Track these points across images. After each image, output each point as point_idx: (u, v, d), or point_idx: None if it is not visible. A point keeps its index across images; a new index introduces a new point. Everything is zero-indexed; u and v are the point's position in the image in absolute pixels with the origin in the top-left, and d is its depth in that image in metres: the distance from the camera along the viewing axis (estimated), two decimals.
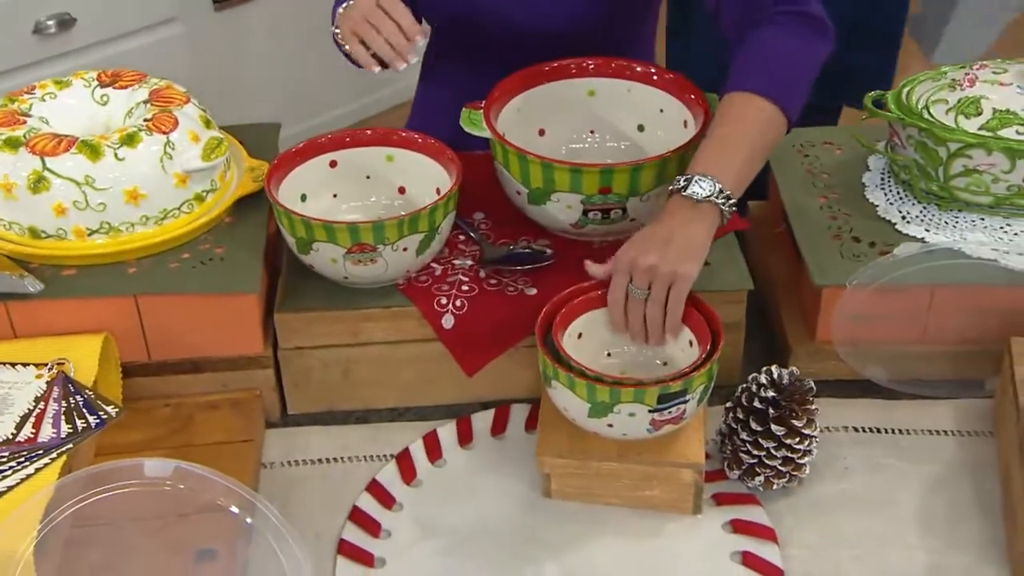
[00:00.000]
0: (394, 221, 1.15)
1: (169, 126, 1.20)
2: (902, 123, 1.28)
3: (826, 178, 1.37)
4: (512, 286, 1.24)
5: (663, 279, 1.10)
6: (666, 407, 1.07)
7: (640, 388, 1.06)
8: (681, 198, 1.13)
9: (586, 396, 1.08)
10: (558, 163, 1.21)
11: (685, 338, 1.14)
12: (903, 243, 1.23)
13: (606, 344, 1.17)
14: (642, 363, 1.17)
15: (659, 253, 1.10)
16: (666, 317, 1.11)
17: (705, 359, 1.09)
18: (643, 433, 1.10)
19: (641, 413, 1.08)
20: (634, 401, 1.07)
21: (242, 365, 1.21)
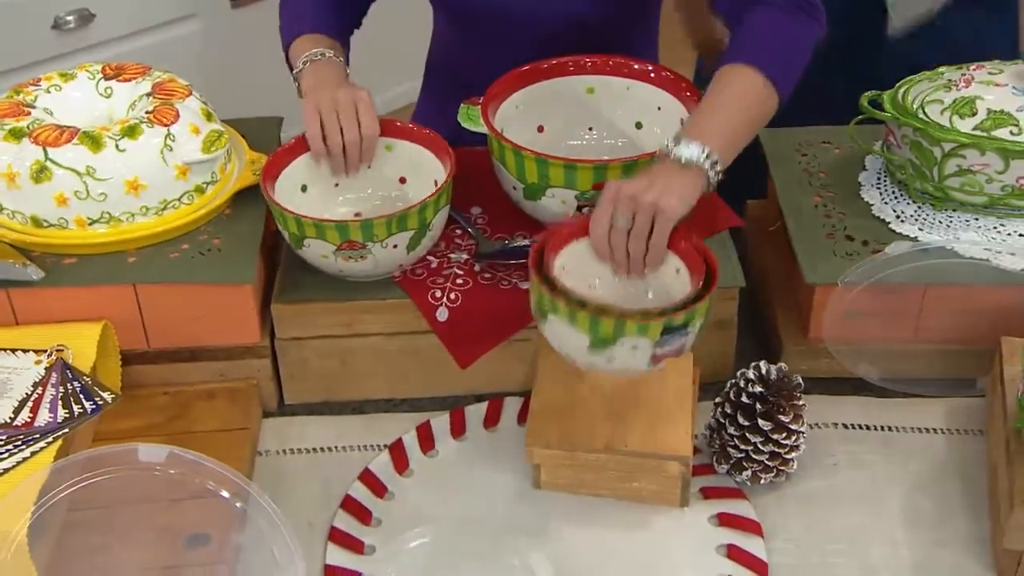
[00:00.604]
0: (383, 220, 1.16)
1: (170, 118, 1.22)
2: (897, 123, 1.29)
3: (823, 177, 1.38)
4: (506, 280, 1.26)
5: (646, 209, 1.10)
6: (668, 339, 1.05)
7: (644, 321, 1.04)
8: (668, 160, 1.14)
9: (587, 328, 1.05)
10: (553, 159, 1.22)
11: (672, 266, 1.13)
12: (895, 242, 1.24)
13: (589, 276, 1.15)
14: (627, 295, 1.15)
15: (644, 186, 1.11)
16: (648, 250, 1.11)
17: (703, 291, 1.07)
18: (642, 367, 1.07)
19: (644, 347, 1.05)
20: (638, 334, 1.04)
21: (239, 355, 1.23)
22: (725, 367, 1.28)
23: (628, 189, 1.11)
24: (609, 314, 1.04)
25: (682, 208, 1.11)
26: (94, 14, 2.77)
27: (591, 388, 1.19)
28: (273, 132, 1.41)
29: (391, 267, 1.22)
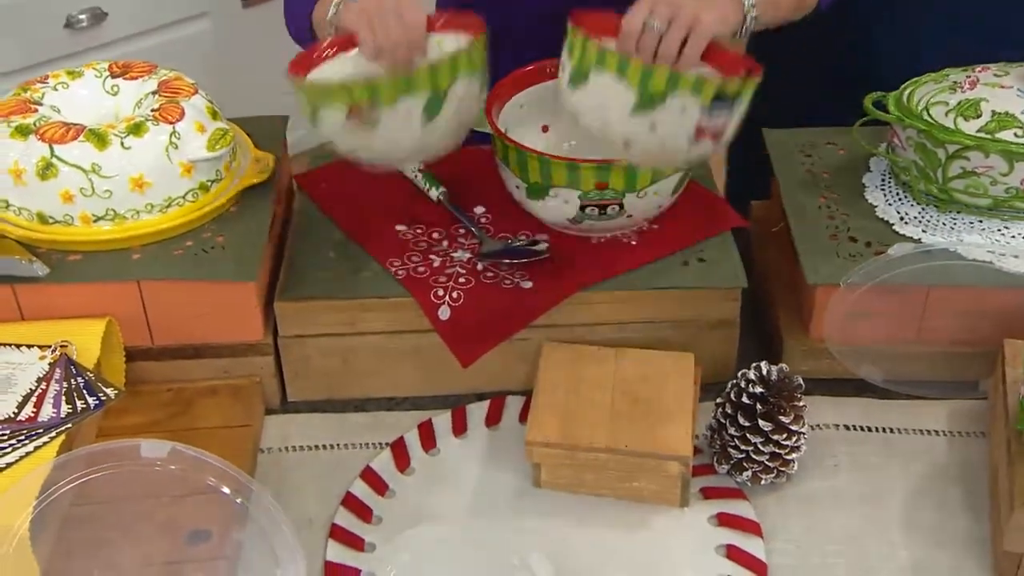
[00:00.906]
0: (390, 80, 1.07)
1: (175, 116, 1.23)
2: (902, 125, 1.29)
3: (827, 178, 1.37)
4: (508, 279, 1.26)
5: (685, 19, 1.07)
6: (717, 109, 1.02)
7: (699, 80, 1.01)
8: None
9: (638, 82, 1.01)
10: (555, 159, 1.22)
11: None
12: (897, 243, 1.24)
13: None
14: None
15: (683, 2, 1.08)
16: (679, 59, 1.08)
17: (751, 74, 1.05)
18: (683, 142, 1.03)
19: (692, 110, 1.02)
20: (692, 92, 1.01)
21: (242, 352, 1.23)
22: (727, 367, 1.28)
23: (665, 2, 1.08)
24: (661, 67, 1.00)
25: (719, 27, 1.09)
26: (106, 13, 2.78)
27: (592, 387, 1.19)
28: (279, 131, 1.41)
29: (406, 148, 1.12)
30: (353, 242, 1.31)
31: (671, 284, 1.25)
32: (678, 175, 1.26)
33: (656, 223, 1.32)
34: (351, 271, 1.27)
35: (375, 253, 1.29)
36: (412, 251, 1.30)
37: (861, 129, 1.37)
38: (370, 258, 1.29)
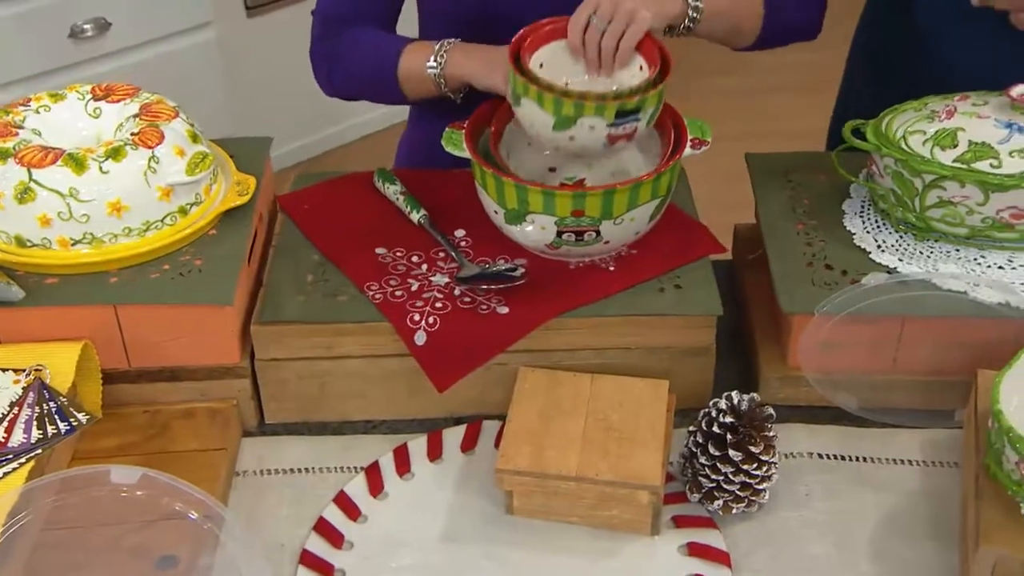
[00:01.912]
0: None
1: (155, 140, 1.23)
2: (880, 153, 1.29)
3: (807, 204, 1.37)
4: (485, 304, 1.26)
5: (624, 15, 1.24)
6: (621, 123, 1.21)
7: (601, 103, 1.19)
8: None
9: (552, 110, 1.21)
10: (532, 186, 1.23)
11: (636, 64, 1.27)
12: (872, 273, 1.24)
13: (565, 74, 1.28)
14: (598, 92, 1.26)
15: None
16: (617, 50, 1.25)
17: (656, 82, 1.22)
18: (599, 147, 1.24)
19: (600, 127, 1.21)
20: (595, 114, 1.20)
21: (219, 375, 1.24)
22: (704, 394, 1.28)
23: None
24: (570, 96, 1.20)
25: (655, 21, 1.26)
26: (111, 23, 2.79)
27: (566, 413, 1.19)
28: (261, 153, 1.42)
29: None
30: (332, 264, 1.32)
31: (646, 311, 1.25)
32: (655, 201, 1.27)
33: (635, 248, 1.33)
34: (328, 295, 1.27)
35: (353, 276, 1.30)
36: (391, 274, 1.30)
37: (843, 155, 1.36)
38: (348, 281, 1.29)
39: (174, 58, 3.00)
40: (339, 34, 1.47)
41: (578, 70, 1.29)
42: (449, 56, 1.38)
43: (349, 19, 1.47)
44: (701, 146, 1.29)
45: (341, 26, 1.47)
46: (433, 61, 1.38)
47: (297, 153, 3.49)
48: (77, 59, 2.79)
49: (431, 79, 1.39)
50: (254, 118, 3.30)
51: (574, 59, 1.29)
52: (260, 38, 3.24)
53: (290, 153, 3.47)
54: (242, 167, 1.37)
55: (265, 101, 3.32)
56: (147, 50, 2.93)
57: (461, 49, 1.39)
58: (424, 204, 1.40)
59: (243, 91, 3.24)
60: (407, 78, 1.41)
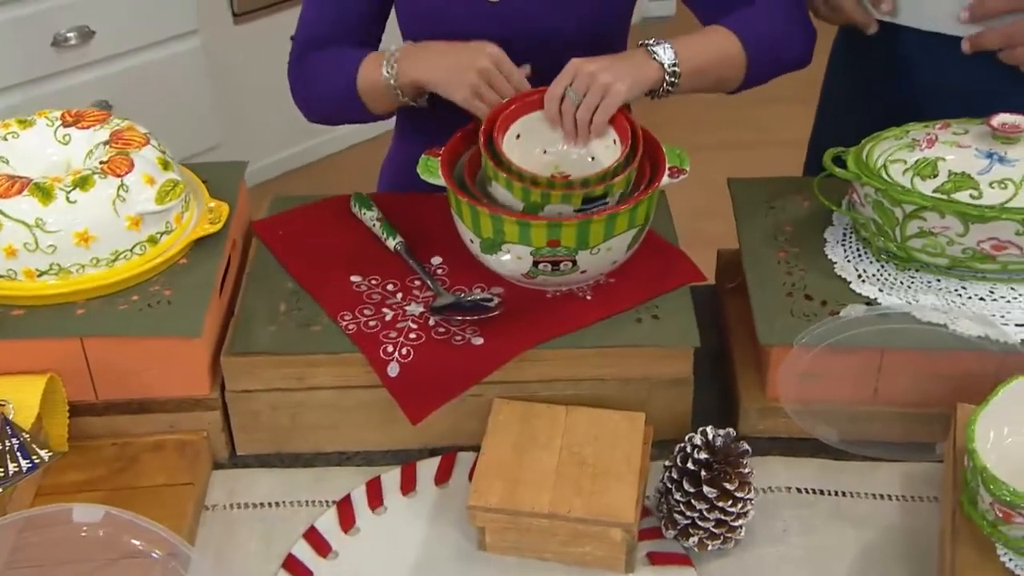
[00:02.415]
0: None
1: (124, 169, 1.23)
2: (860, 182, 1.28)
3: (789, 231, 1.37)
4: (460, 335, 1.26)
5: (598, 88, 1.27)
6: (589, 207, 1.24)
7: (568, 191, 1.22)
8: (640, 50, 1.33)
9: (521, 196, 1.23)
10: (507, 216, 1.22)
11: (610, 137, 1.30)
12: (851, 304, 1.23)
13: (543, 143, 1.32)
14: (574, 160, 1.32)
15: (602, 65, 1.29)
16: (592, 122, 1.29)
17: (624, 166, 1.25)
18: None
19: (567, 211, 1.23)
20: (562, 202, 1.23)
21: (189, 406, 1.23)
22: (683, 425, 1.28)
23: (588, 67, 1.28)
24: (538, 184, 1.23)
25: (629, 95, 1.29)
26: (94, 31, 2.79)
27: (540, 447, 1.19)
28: (235, 178, 1.41)
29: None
30: (306, 293, 1.31)
31: (623, 342, 1.24)
32: (633, 231, 1.26)
33: (613, 276, 1.32)
34: (301, 324, 1.27)
35: (327, 305, 1.29)
36: (365, 303, 1.30)
37: (826, 182, 1.36)
38: (321, 311, 1.29)
39: (159, 67, 2.99)
40: (309, 57, 1.47)
41: (555, 138, 1.32)
42: (400, 63, 1.37)
43: (321, 42, 1.46)
44: (679, 175, 1.29)
45: (313, 49, 1.46)
46: (385, 71, 1.38)
47: (286, 162, 3.48)
48: (60, 68, 2.79)
49: (388, 90, 1.38)
50: (241, 128, 3.29)
51: (551, 127, 1.32)
52: (247, 46, 3.23)
53: (279, 162, 3.46)
54: (215, 192, 1.36)
55: (253, 110, 3.30)
56: (132, 58, 2.93)
57: (410, 53, 1.38)
58: (402, 230, 1.39)
59: (230, 100, 3.23)
60: (367, 92, 1.41)
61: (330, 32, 1.46)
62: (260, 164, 3.41)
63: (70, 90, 2.81)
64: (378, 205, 1.43)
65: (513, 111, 1.31)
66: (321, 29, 1.47)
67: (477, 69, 1.32)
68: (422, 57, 1.36)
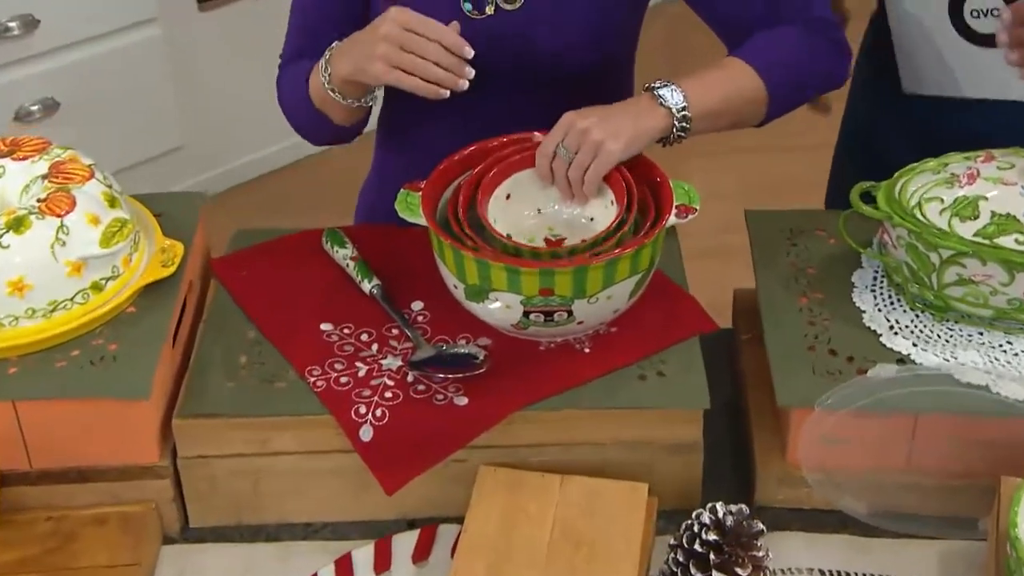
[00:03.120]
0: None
1: (64, 208, 1.23)
2: (891, 222, 1.28)
3: (812, 274, 1.37)
4: (441, 394, 1.25)
5: (590, 146, 1.29)
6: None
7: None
8: (645, 95, 1.34)
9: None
10: (494, 261, 1.22)
11: (607, 197, 1.32)
12: (880, 364, 1.23)
13: (535, 202, 1.35)
14: (567, 220, 1.35)
15: (596, 121, 1.29)
16: (584, 182, 1.30)
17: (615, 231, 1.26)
18: None
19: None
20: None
21: (135, 475, 1.23)
22: (692, 494, 1.27)
23: (581, 123, 1.29)
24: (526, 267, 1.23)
25: (623, 154, 1.30)
26: (39, 20, 2.79)
27: (530, 522, 1.19)
28: (192, 212, 1.41)
29: None
30: (270, 343, 1.32)
31: (624, 402, 1.24)
32: (635, 277, 1.26)
33: (614, 325, 1.32)
34: (264, 380, 1.26)
35: (293, 358, 1.29)
36: (336, 356, 1.30)
37: (854, 217, 1.36)
38: (287, 364, 1.28)
39: (114, 59, 2.99)
40: (282, 73, 1.50)
41: (548, 196, 1.34)
42: (332, 63, 1.37)
43: (296, 57, 1.48)
44: (688, 214, 1.29)
45: (287, 66, 1.50)
46: (322, 74, 1.38)
47: (258, 165, 3.47)
48: (4, 60, 2.79)
49: (330, 94, 1.39)
50: (207, 127, 3.29)
51: (542, 184, 1.34)
52: (213, 35, 3.22)
53: (250, 166, 3.45)
54: (170, 229, 1.35)
55: (220, 108, 3.30)
56: (82, 50, 2.93)
57: (337, 50, 1.37)
58: (379, 270, 1.39)
59: (194, 97, 3.22)
60: (320, 101, 1.42)
61: (303, 45, 1.47)
62: (228, 167, 3.42)
63: (12, 86, 2.82)
64: (353, 240, 1.43)
65: (502, 168, 1.33)
66: (296, 43, 1.49)
67: (381, 37, 1.30)
68: (344, 49, 1.37)
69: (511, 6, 1.42)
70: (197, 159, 3.32)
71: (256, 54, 3.37)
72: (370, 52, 1.31)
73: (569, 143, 1.30)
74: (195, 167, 3.33)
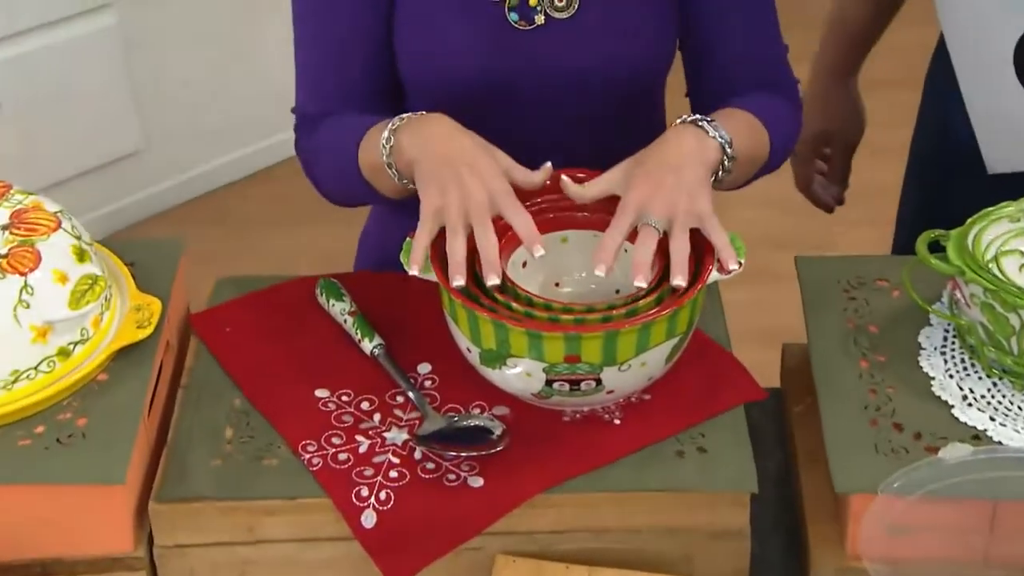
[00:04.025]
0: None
1: (29, 264, 1.25)
2: (963, 277, 1.31)
3: (873, 333, 1.39)
4: (453, 473, 1.27)
5: (688, 219, 1.28)
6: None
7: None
8: (693, 127, 1.35)
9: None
10: (513, 324, 1.23)
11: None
12: (953, 443, 1.26)
13: (555, 272, 1.39)
14: (593, 291, 1.38)
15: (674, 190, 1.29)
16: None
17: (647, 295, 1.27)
18: None
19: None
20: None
21: (106, 567, 1.24)
22: None
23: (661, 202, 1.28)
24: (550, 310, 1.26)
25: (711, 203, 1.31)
26: None
27: None
28: (169, 262, 1.43)
29: None
30: (258, 413, 1.34)
31: (660, 484, 1.26)
32: (672, 341, 1.28)
33: (648, 392, 1.34)
34: (252, 458, 1.29)
35: (285, 431, 1.31)
36: (334, 428, 1.32)
37: (920, 268, 1.38)
38: (278, 438, 1.31)
39: (63, 51, 3.02)
40: (318, 126, 1.48)
41: (570, 265, 1.39)
42: (396, 141, 1.34)
43: (329, 108, 1.47)
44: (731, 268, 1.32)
45: (320, 118, 1.48)
46: (384, 148, 1.35)
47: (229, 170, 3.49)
48: None
49: (386, 171, 1.36)
50: (169, 128, 3.32)
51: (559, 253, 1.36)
52: (176, 23, 3.24)
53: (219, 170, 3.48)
54: (145, 281, 1.38)
55: (185, 105, 3.32)
56: (26, 41, 2.95)
57: (410, 130, 1.34)
58: (382, 326, 1.41)
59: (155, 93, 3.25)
60: (372, 174, 1.39)
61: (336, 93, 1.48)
62: (193, 172, 3.44)
63: None
64: (351, 292, 1.45)
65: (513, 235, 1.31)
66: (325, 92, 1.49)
67: (465, 194, 1.27)
68: (427, 134, 1.33)
69: (563, 14, 1.45)
70: (158, 165, 3.35)
71: (225, 44, 3.41)
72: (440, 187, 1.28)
73: (658, 219, 1.27)
74: (156, 174, 3.36)
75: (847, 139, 1.91)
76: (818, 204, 1.94)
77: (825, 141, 1.90)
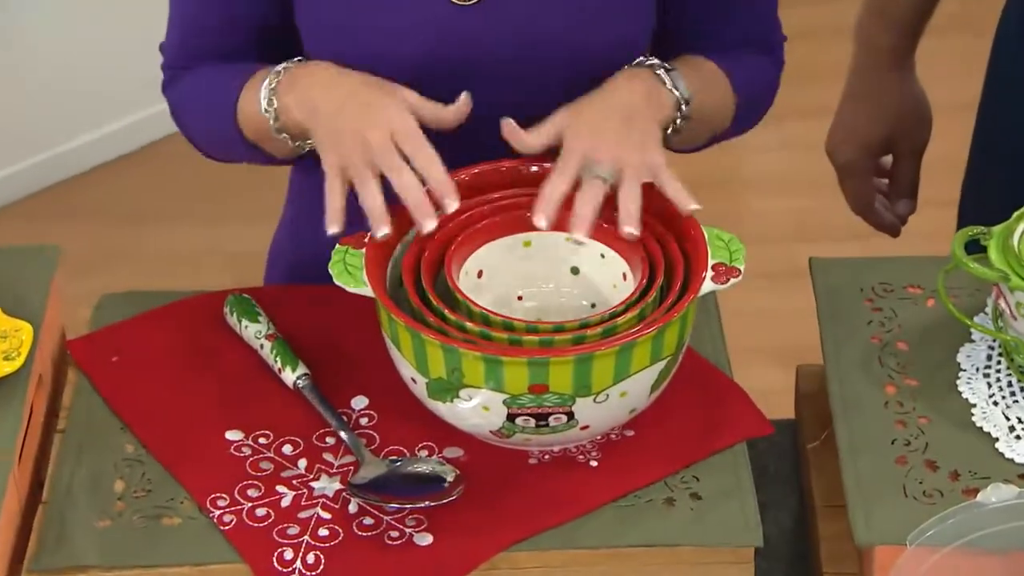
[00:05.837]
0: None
1: None
2: (1008, 283, 1.37)
3: (903, 351, 1.46)
4: (396, 529, 1.33)
5: (640, 171, 1.39)
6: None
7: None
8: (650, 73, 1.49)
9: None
10: (467, 348, 1.28)
11: (618, 270, 1.41)
12: (996, 484, 1.31)
13: (516, 283, 1.45)
14: (562, 305, 1.45)
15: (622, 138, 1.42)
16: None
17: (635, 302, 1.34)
18: None
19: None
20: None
21: None
22: None
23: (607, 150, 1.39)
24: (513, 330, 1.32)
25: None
26: None
27: None
28: (42, 275, 1.48)
29: None
30: (155, 461, 1.39)
31: (645, 538, 1.32)
32: (659, 365, 1.33)
33: (630, 427, 1.41)
34: (148, 516, 1.34)
35: (189, 483, 1.36)
36: (249, 479, 1.37)
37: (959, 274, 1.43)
38: (181, 491, 1.36)
39: None
40: (184, 79, 1.56)
41: (531, 275, 1.46)
42: (280, 103, 1.45)
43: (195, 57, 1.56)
44: (729, 278, 1.35)
45: (188, 66, 1.56)
46: (264, 105, 1.45)
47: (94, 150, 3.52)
48: None
49: (273, 133, 1.45)
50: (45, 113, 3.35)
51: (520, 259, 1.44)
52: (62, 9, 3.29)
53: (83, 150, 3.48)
54: (10, 302, 1.42)
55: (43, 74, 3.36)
56: None
57: (292, 86, 1.45)
58: (306, 352, 1.47)
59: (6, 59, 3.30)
60: (257, 136, 1.50)
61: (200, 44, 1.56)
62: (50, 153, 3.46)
63: None
64: (268, 310, 1.50)
65: (468, 236, 1.40)
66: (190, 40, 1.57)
67: (362, 139, 1.37)
68: (302, 97, 1.44)
69: None
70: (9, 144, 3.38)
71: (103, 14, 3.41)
72: (339, 139, 1.39)
73: (604, 169, 1.38)
74: (6, 155, 3.40)
75: (913, 142, 1.90)
76: (881, 228, 1.95)
77: (885, 148, 1.89)
